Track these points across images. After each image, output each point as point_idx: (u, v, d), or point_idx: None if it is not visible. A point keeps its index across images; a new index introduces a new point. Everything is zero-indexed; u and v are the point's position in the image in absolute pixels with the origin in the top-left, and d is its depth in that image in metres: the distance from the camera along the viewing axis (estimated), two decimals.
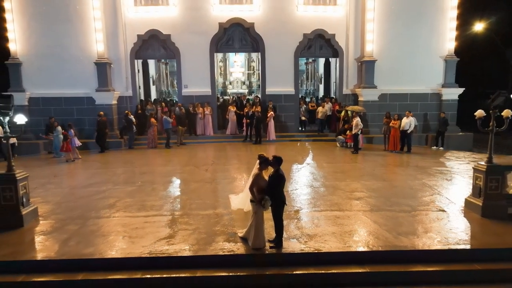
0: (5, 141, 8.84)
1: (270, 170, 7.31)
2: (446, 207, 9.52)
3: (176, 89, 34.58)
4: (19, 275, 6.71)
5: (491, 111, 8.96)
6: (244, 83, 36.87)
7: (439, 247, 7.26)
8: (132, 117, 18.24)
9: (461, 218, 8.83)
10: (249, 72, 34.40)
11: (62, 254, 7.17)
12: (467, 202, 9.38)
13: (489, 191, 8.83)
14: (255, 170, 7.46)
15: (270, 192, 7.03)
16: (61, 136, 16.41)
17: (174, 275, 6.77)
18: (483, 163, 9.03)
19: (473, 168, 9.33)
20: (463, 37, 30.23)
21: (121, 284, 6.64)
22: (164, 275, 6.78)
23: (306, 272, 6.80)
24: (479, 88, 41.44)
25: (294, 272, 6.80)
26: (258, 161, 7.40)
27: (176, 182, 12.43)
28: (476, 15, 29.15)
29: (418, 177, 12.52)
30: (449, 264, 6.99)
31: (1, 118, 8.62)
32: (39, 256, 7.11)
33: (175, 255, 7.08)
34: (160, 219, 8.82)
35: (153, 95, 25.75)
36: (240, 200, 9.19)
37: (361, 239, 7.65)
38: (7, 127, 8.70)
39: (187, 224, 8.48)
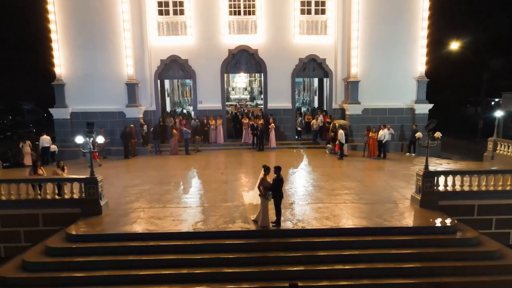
0: (89, 154, 12.47)
1: (272, 174, 11.10)
2: (398, 201, 13.34)
3: (186, 98, 38.73)
4: (112, 242, 10.54)
5: (426, 133, 12.76)
6: (246, 89, 40.73)
7: (382, 226, 11.08)
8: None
9: (405, 208, 12.64)
10: (251, 79, 38.26)
11: (136, 230, 10.99)
12: (412, 197, 13.17)
13: (425, 189, 12.63)
14: (261, 175, 11.25)
15: (273, 190, 10.81)
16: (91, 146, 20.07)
17: (210, 242, 10.58)
18: (422, 169, 12.81)
19: (416, 173, 13.12)
20: (445, 54, 34.20)
21: (177, 248, 10.43)
22: (204, 242, 10.59)
23: (295, 241, 10.64)
24: (461, 95, 45.40)
25: (288, 241, 10.63)
26: (263, 168, 11.19)
27: (200, 183, 16.22)
28: (454, 35, 32.91)
29: (385, 179, 16.34)
30: (388, 236, 10.80)
31: (87, 138, 12.24)
32: (122, 230, 10.93)
33: (210, 230, 10.89)
34: (195, 209, 12.65)
35: (168, 105, 29.49)
36: (251, 196, 13.00)
37: (332, 221, 11.45)
38: (91, 144, 12.34)
39: (214, 212, 12.29)
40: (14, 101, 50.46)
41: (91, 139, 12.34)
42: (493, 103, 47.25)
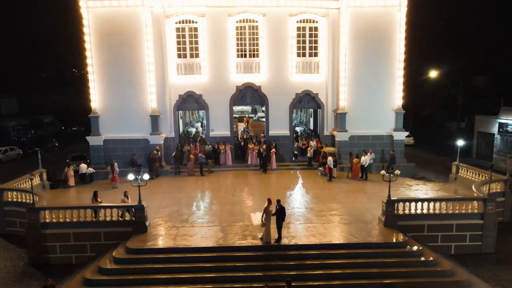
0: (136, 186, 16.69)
1: (274, 203, 15.34)
2: (369, 221, 17.61)
3: (195, 116, 43.05)
4: (160, 254, 14.85)
5: (389, 171, 17.05)
6: None
7: (352, 242, 15.38)
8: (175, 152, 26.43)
9: (373, 227, 16.93)
10: None
11: (176, 244, 15.30)
12: (379, 218, 17.46)
13: (388, 213, 16.91)
14: (265, 205, 15.50)
15: (277, 217, 15.08)
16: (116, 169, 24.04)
17: (228, 254, 14.88)
18: (386, 197, 17.06)
19: (381, 200, 17.38)
20: (425, 80, 38.62)
21: (207, 258, 14.72)
22: (224, 254, 14.89)
23: (290, 253, 14.96)
24: (443, 113, 49.72)
25: (285, 253, 14.94)
26: (267, 200, 15.45)
27: (216, 204, 20.38)
28: (436, 57, 37.40)
29: (362, 201, 20.60)
30: (356, 249, 15.10)
31: (136, 176, 16.46)
32: (166, 245, 15.25)
33: (228, 245, 15.19)
34: (216, 228, 16.95)
35: (181, 125, 33.49)
36: (258, 218, 17.23)
37: (317, 238, 15.75)
38: (139, 180, 16.55)
39: (230, 230, 16.59)
40: (35, 115, 54.71)
41: (140, 176, 16.57)
42: (472, 119, 51.59)
